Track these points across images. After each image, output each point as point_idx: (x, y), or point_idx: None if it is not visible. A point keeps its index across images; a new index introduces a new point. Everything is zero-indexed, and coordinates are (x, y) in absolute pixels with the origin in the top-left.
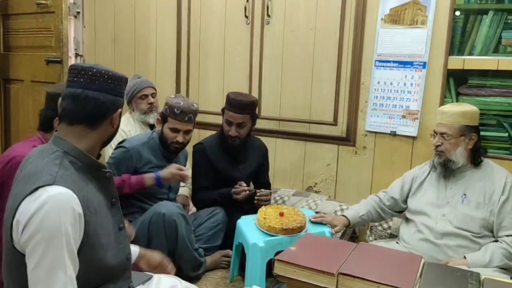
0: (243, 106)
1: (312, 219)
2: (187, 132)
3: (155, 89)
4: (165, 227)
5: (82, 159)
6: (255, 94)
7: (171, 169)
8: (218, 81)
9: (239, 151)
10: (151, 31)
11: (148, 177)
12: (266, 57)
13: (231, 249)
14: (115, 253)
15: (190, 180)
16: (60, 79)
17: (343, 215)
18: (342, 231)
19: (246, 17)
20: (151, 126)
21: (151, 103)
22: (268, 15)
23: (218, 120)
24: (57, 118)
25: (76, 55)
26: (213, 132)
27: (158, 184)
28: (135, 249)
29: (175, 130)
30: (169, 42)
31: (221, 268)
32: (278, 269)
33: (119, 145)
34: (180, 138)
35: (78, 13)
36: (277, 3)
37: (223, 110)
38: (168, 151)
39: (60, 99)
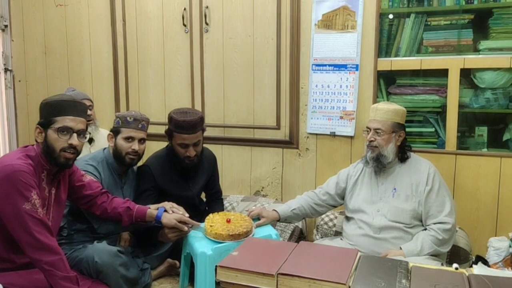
0: (195, 125)
1: (250, 217)
2: (142, 140)
3: (91, 101)
4: (95, 276)
5: None
6: (198, 102)
7: (174, 218)
8: (159, 91)
9: (195, 168)
10: (85, 42)
11: (150, 216)
12: (207, 65)
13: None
14: None
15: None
16: None
17: (274, 210)
18: (281, 229)
19: (185, 25)
20: (89, 140)
21: (88, 115)
22: (207, 23)
23: (160, 130)
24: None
25: (6, 69)
26: (156, 143)
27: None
28: None
29: (130, 139)
30: (104, 54)
31: (169, 276)
32: (221, 275)
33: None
34: (135, 146)
35: (6, 26)
36: (215, 12)
37: (168, 133)
38: (124, 164)
39: None
